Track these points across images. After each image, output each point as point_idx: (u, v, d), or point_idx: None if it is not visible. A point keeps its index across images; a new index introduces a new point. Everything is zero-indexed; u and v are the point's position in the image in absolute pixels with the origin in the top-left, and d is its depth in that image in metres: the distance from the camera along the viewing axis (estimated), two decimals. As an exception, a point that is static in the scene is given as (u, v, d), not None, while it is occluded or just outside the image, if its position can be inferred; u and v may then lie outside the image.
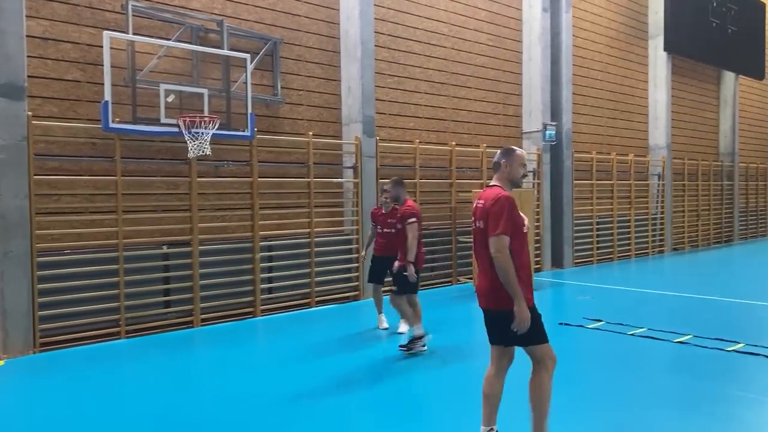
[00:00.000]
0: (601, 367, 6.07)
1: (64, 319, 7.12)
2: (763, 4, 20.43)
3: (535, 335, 3.77)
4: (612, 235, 15.03)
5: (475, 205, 3.97)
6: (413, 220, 6.52)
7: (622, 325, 7.70)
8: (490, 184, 4.02)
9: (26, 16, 6.87)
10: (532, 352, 3.84)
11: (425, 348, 6.54)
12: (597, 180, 14.59)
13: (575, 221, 13.97)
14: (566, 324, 7.81)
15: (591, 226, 14.47)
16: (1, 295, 6.62)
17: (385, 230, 7.50)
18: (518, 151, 3.99)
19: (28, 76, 6.91)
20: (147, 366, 6.40)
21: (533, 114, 13.08)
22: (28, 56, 6.90)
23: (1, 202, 6.59)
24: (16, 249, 6.68)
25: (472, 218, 3.99)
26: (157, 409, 5.05)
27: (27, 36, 6.88)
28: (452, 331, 7.77)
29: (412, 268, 6.49)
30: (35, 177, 6.92)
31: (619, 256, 15.09)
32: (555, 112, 13.45)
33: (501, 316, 3.77)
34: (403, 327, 7.31)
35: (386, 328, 7.66)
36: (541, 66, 12.91)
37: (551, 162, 13.36)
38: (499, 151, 4.05)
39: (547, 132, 12.87)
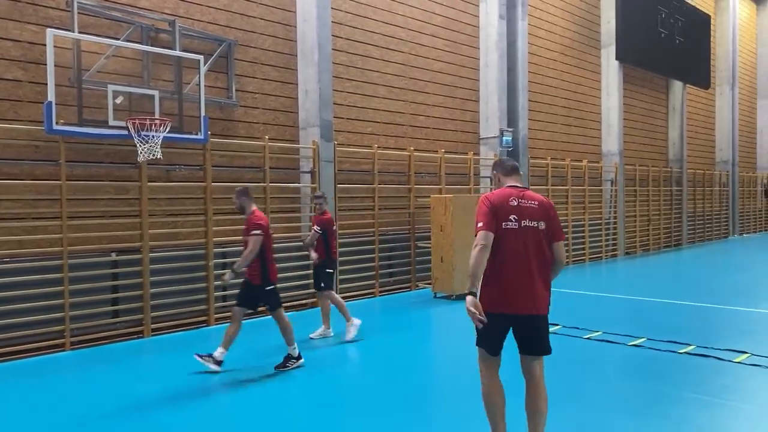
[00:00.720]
0: (556, 371, 6.06)
1: (4, 330, 6.75)
2: (708, 17, 21.24)
3: None
4: (567, 239, 15.27)
5: (517, 203, 3.76)
6: (258, 232, 6.14)
7: (577, 329, 7.78)
8: (517, 185, 3.92)
9: (-38, 11, 6.51)
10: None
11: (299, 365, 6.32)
12: (552, 185, 14.81)
13: (532, 226, 14.09)
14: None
15: (547, 231, 14.62)
16: (-67, 307, 6.22)
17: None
18: None
19: (-36, 75, 6.55)
20: (91, 378, 6.10)
21: (490, 120, 13.19)
22: (-36, 53, 6.54)
23: (-67, 208, 6.21)
24: (-51, 257, 6.29)
25: (513, 215, 3.73)
26: (93, 423, 4.79)
27: (-37, 32, 6.52)
28: (397, 337, 7.70)
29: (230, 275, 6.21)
30: (-29, 181, 6.55)
31: (573, 261, 15.34)
32: (511, 119, 13.60)
33: (547, 321, 3.85)
34: (317, 332, 7.68)
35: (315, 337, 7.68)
36: (497, 72, 13.04)
37: (508, 167, 13.46)
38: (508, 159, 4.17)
39: (504, 138, 13.00)
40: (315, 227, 7.54)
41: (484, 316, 3.60)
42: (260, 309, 6.90)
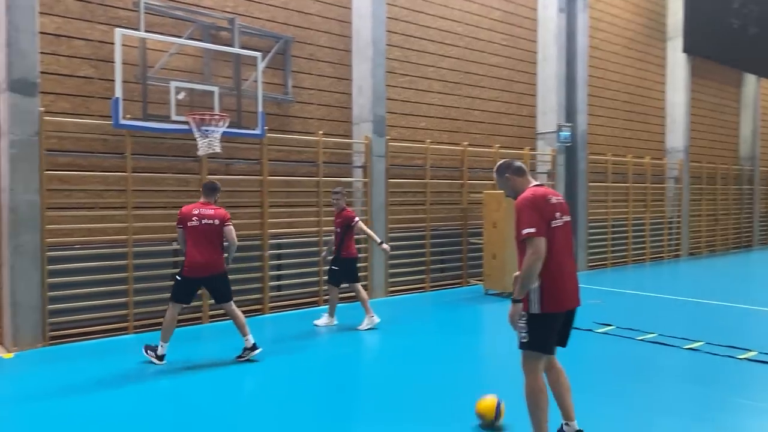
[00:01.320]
0: (607, 372, 5.98)
1: (73, 313, 7.20)
2: (787, 6, 20.04)
3: None
4: (627, 238, 14.85)
5: (555, 200, 3.86)
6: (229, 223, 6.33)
7: (632, 330, 7.59)
8: (537, 183, 4.00)
9: (39, 12, 6.95)
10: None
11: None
12: (612, 182, 14.41)
13: (589, 224, 13.82)
14: (574, 328, 7.68)
15: (606, 229, 14.30)
16: (12, 289, 6.70)
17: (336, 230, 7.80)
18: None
19: (41, 73, 6.99)
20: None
21: (548, 115, 12.96)
22: (41, 53, 6.98)
23: (13, 197, 6.68)
24: (26, 243, 6.76)
25: (556, 212, 3.80)
26: (155, 403, 5.07)
27: (40, 33, 6.96)
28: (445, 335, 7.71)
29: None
30: (47, 172, 7.00)
31: (633, 260, 14.90)
32: (570, 113, 13.30)
33: None
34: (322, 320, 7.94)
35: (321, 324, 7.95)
36: (556, 66, 12.78)
37: (566, 163, 13.22)
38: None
39: (562, 133, 12.74)
40: (336, 229, 7.77)
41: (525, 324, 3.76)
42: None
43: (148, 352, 6.23)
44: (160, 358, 6.17)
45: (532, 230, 3.65)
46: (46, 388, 5.49)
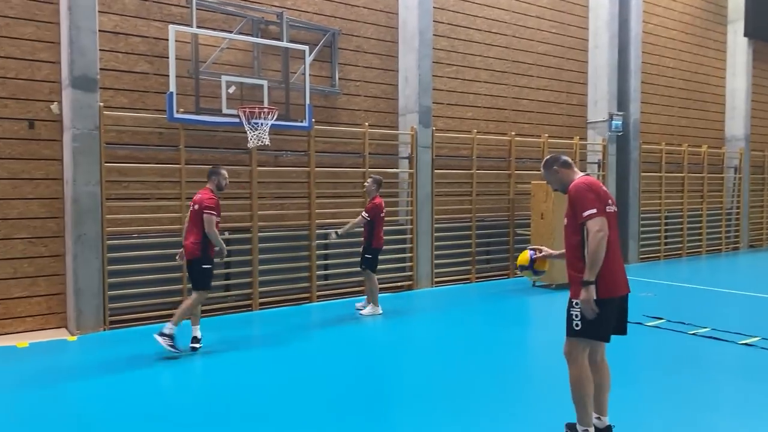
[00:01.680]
0: (656, 367, 5.87)
1: (132, 299, 7.54)
2: None
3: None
4: (681, 230, 14.39)
5: (605, 189, 3.93)
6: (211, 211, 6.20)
7: (684, 324, 7.40)
8: (585, 173, 4.03)
9: (98, 11, 7.26)
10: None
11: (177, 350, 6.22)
12: (666, 173, 13.98)
13: (642, 215, 13.47)
14: (624, 321, 7.56)
15: (659, 221, 13.91)
16: (75, 276, 7.08)
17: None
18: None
19: (101, 69, 7.31)
20: (205, 343, 6.67)
21: (599, 103, 12.67)
22: (100, 50, 7.29)
23: (75, 189, 7.03)
24: (88, 233, 7.11)
25: (610, 200, 3.88)
26: (212, 385, 5.29)
27: (99, 31, 7.27)
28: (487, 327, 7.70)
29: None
30: (106, 165, 7.33)
31: (688, 252, 14.44)
32: (622, 102, 12.97)
33: None
34: (366, 310, 8.07)
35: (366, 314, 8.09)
36: (608, 54, 12.47)
37: (617, 153, 12.92)
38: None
39: (614, 122, 12.45)
40: (364, 213, 7.92)
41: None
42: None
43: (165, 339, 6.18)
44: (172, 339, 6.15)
45: (594, 211, 3.70)
46: (106, 367, 5.81)
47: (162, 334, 6.14)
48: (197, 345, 6.40)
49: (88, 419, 4.60)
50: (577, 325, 3.80)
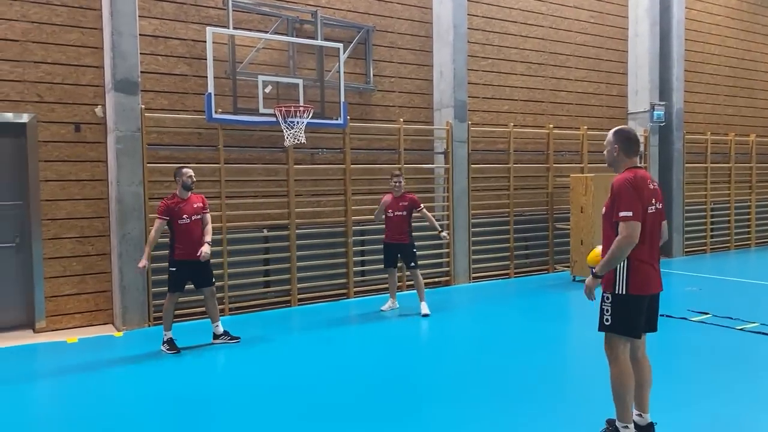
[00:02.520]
0: (702, 363, 5.71)
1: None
2: None
3: None
4: (729, 222, 13.93)
5: (653, 186, 3.80)
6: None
7: (731, 319, 7.18)
8: (639, 165, 3.92)
9: (139, 16, 7.45)
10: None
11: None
12: (712, 163, 13.55)
13: (686, 207, 13.09)
14: (667, 316, 7.38)
15: (704, 213, 13.49)
16: (120, 274, 7.30)
17: (396, 213, 7.86)
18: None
19: (142, 72, 7.51)
20: (245, 338, 6.81)
21: (640, 93, 12.36)
22: (141, 53, 7.48)
23: (119, 189, 7.25)
24: (132, 231, 7.33)
25: (653, 198, 3.76)
26: (251, 377, 5.40)
27: (140, 35, 7.46)
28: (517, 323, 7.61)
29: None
30: (148, 165, 7.53)
31: (736, 245, 13.97)
32: (664, 91, 12.62)
33: None
34: (425, 309, 7.81)
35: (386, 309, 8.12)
36: (649, 42, 12.14)
37: (659, 144, 12.58)
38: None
39: (655, 112, 12.13)
40: (402, 213, 7.88)
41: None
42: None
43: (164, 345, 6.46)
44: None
45: (630, 214, 3.61)
46: (150, 360, 6.00)
47: (162, 342, 6.44)
48: (216, 340, 6.66)
49: (134, 404, 4.78)
50: (607, 320, 3.79)
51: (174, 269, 6.46)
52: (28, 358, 6.34)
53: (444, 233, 8.12)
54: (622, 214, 3.63)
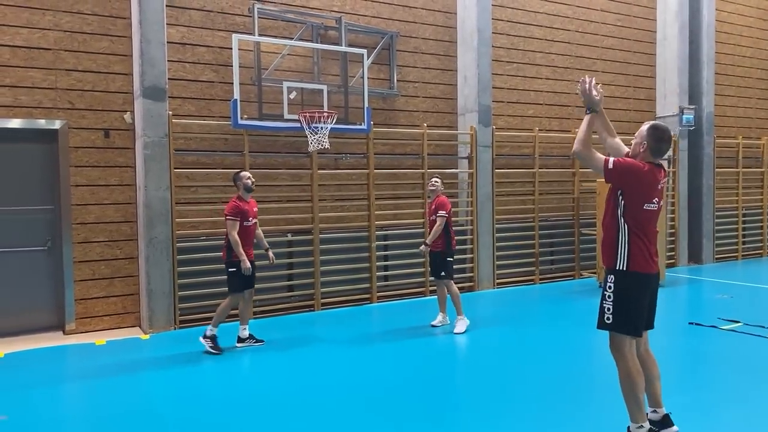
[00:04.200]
0: (732, 372, 5.57)
1: (200, 299, 7.83)
2: None
3: None
4: (762, 228, 13.60)
5: (660, 187, 3.81)
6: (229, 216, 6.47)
7: (763, 327, 7.00)
8: (658, 163, 3.87)
9: (167, 24, 7.59)
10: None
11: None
12: (744, 168, 13.25)
13: (717, 213, 12.82)
14: (697, 324, 7.24)
15: (736, 219, 13.19)
16: (148, 277, 7.42)
17: (429, 218, 7.48)
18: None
19: (169, 79, 7.63)
20: (270, 340, 6.86)
21: (668, 97, 12.15)
22: (168, 61, 7.62)
23: (147, 194, 7.37)
24: (159, 235, 7.44)
25: (656, 199, 3.77)
26: (278, 381, 5.43)
27: (168, 42, 7.60)
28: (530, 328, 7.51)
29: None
30: (175, 170, 7.65)
31: (769, 252, 13.63)
32: (693, 95, 12.40)
33: None
34: (460, 324, 7.25)
35: (437, 324, 7.53)
36: (677, 46, 11.94)
37: (689, 149, 12.35)
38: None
39: (684, 116, 11.90)
40: (441, 212, 7.15)
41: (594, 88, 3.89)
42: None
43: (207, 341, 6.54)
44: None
45: (612, 159, 3.72)
46: (177, 362, 6.09)
47: (204, 336, 6.49)
48: (240, 344, 6.73)
49: (160, 406, 4.84)
50: (608, 318, 3.76)
51: (234, 269, 6.54)
52: (59, 360, 6.47)
53: (422, 247, 7.42)
54: (609, 158, 3.73)
